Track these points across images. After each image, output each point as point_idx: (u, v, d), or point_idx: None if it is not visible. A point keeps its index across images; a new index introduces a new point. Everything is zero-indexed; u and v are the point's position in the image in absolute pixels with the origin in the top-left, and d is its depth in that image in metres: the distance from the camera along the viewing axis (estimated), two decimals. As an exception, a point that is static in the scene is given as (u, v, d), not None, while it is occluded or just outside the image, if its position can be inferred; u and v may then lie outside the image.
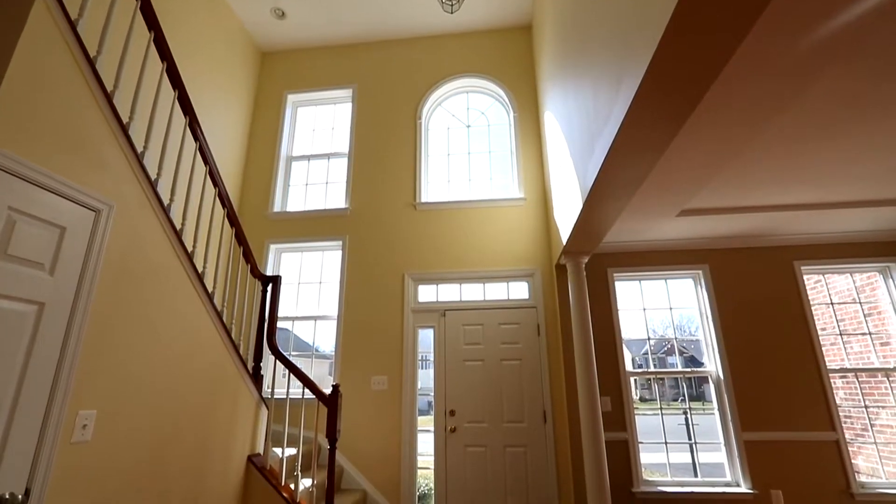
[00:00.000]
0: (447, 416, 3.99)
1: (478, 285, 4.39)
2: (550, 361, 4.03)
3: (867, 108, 2.34)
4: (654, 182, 2.84)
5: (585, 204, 2.71)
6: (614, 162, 2.15)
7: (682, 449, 3.94)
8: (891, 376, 3.95)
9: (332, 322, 4.45)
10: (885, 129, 2.52)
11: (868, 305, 4.23)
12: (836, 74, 2.09)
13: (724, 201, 3.48)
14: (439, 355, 4.17)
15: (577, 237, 3.32)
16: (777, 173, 3.04)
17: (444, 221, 4.56)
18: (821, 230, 4.04)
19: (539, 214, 4.49)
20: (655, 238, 4.16)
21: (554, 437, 3.85)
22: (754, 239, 4.16)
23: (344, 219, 4.68)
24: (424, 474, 4.18)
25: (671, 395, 16.18)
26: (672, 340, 4.38)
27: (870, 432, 4.01)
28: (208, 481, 2.54)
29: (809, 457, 3.64)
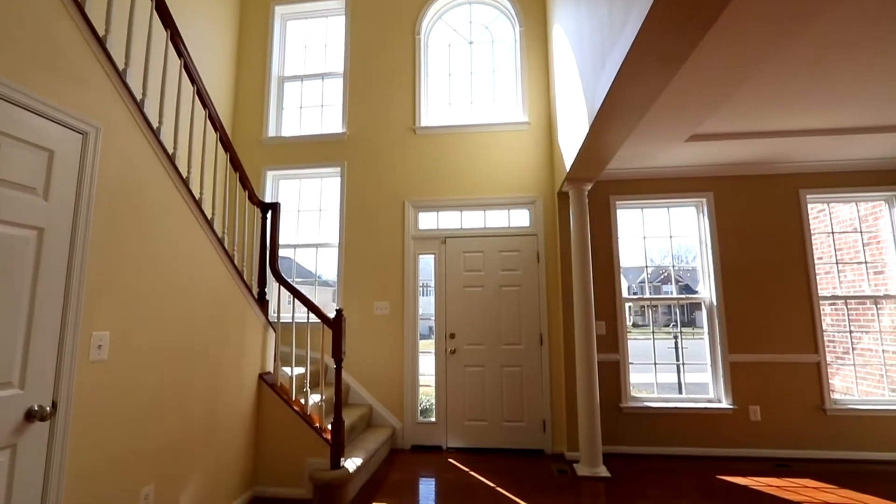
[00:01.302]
0: (447, 338, 4.16)
1: (479, 213, 4.37)
2: (549, 288, 4.12)
3: (886, 28, 2.17)
4: (666, 103, 2.71)
5: (592, 126, 2.60)
6: (627, 77, 2.02)
7: (670, 370, 4.15)
8: (879, 303, 4.06)
9: (333, 249, 4.49)
10: (918, 46, 2.35)
11: (868, 235, 4.23)
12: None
13: (735, 126, 3.35)
14: (440, 281, 4.26)
15: (582, 163, 3.24)
16: (791, 96, 2.89)
17: (445, 147, 4.43)
18: (828, 158, 3.93)
19: (543, 140, 4.34)
20: (661, 165, 4.06)
21: (549, 358, 4.04)
22: (761, 166, 4.07)
23: (342, 144, 4.54)
24: (426, 391, 4.45)
25: (663, 321, 16.78)
26: (669, 269, 4.44)
27: (850, 355, 4.20)
28: (224, 396, 2.70)
29: (790, 377, 3.85)
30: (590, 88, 2.59)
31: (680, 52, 1.81)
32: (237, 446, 2.84)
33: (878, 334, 4.07)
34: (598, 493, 3.13)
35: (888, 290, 4.03)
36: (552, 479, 3.39)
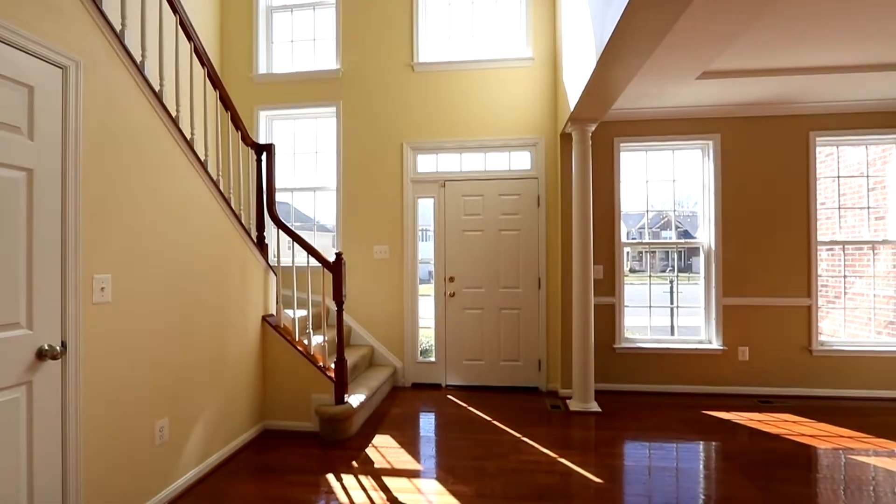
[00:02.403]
0: (446, 282, 4.22)
1: (478, 155, 4.27)
2: (549, 232, 4.12)
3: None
4: (680, 35, 2.55)
5: (600, 60, 2.47)
6: (638, 6, 1.89)
7: (664, 313, 4.25)
8: (876, 248, 4.08)
9: (331, 193, 4.44)
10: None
11: (874, 180, 4.17)
12: None
13: (749, 62, 3.19)
14: (439, 225, 4.25)
15: (587, 101, 3.12)
16: (807, 31, 2.72)
17: (445, 85, 4.24)
18: (841, 98, 3.78)
19: (547, 77, 4.15)
20: (669, 105, 3.91)
21: (546, 301, 4.12)
22: (772, 107, 3.92)
23: (336, 82, 4.34)
24: (425, 333, 4.58)
25: (660, 266, 17.03)
26: (669, 214, 4.42)
27: (842, 299, 4.29)
28: (229, 336, 2.78)
29: (780, 319, 3.95)
30: (598, 18, 2.43)
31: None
32: (245, 383, 2.97)
33: (871, 279, 4.12)
34: (587, 425, 3.31)
35: (887, 236, 4.04)
36: (545, 413, 3.57)
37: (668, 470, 2.66)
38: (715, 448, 2.95)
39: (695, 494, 2.41)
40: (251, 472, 2.61)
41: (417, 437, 3.16)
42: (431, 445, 3.00)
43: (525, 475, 2.54)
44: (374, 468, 2.64)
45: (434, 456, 2.83)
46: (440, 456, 2.83)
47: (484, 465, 2.67)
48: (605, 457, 2.81)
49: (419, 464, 2.71)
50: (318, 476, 2.55)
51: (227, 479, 2.52)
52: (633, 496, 2.37)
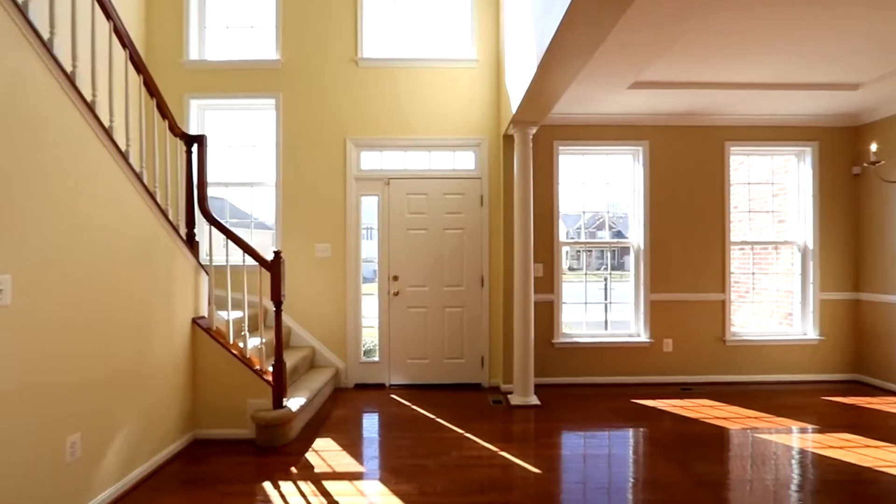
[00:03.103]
0: (391, 280, 4.19)
1: (423, 153, 4.27)
2: (491, 231, 4.21)
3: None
4: (613, 46, 2.70)
5: (540, 65, 2.56)
6: (578, 12, 1.98)
7: (599, 309, 4.50)
8: (778, 248, 4.56)
9: (270, 189, 4.25)
10: (833, 12, 2.48)
11: (778, 187, 4.65)
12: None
13: (675, 75, 3.44)
14: (383, 223, 4.21)
15: (528, 104, 3.22)
16: (730, 48, 2.99)
17: (389, 82, 4.20)
18: (753, 112, 4.19)
19: (490, 79, 4.23)
20: (603, 112, 4.13)
21: (489, 298, 4.21)
22: (694, 117, 4.26)
23: (276, 73, 4.16)
24: (369, 333, 4.51)
25: (596, 265, 17.92)
26: (604, 215, 4.67)
27: (750, 294, 4.75)
28: (154, 340, 2.58)
29: (699, 313, 4.31)
30: (539, 24, 2.52)
31: None
32: (173, 390, 2.77)
33: (774, 275, 4.60)
34: (527, 418, 3.43)
35: (787, 237, 4.52)
36: (488, 408, 3.65)
37: (601, 457, 2.81)
38: (642, 434, 3.16)
39: (625, 478, 2.56)
40: (179, 485, 2.45)
41: (360, 438, 3.11)
42: (375, 446, 2.97)
43: (467, 470, 2.58)
44: (314, 473, 2.57)
45: (377, 457, 2.80)
46: (383, 456, 2.81)
47: (427, 462, 2.68)
48: (544, 448, 2.92)
49: (362, 466, 2.67)
50: (253, 485, 2.43)
51: (151, 495, 2.34)
52: (569, 483, 2.48)
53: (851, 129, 4.35)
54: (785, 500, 2.30)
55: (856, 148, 4.31)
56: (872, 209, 4.20)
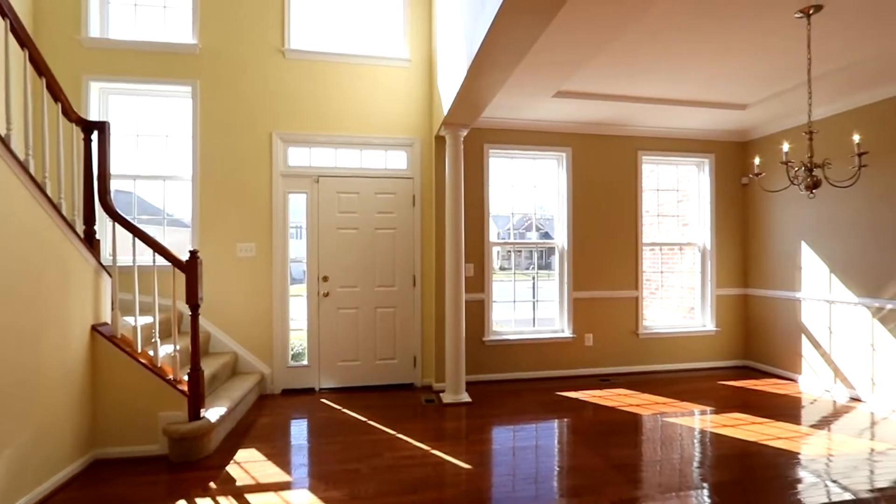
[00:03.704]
0: (320, 281, 4.05)
1: (354, 151, 4.18)
2: (423, 231, 4.23)
3: (712, 17, 2.54)
4: (539, 56, 2.83)
5: (470, 70, 2.62)
6: (503, 23, 2.06)
7: (528, 307, 4.69)
8: (682, 249, 5.05)
9: (186, 184, 3.94)
10: (717, 44, 2.79)
11: (682, 193, 5.15)
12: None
13: (595, 87, 3.68)
14: (312, 222, 4.06)
15: (459, 107, 3.28)
16: (639, 65, 3.25)
17: (320, 76, 4.07)
18: (662, 125, 4.60)
19: (423, 80, 4.25)
20: (530, 118, 4.31)
21: (421, 298, 4.22)
22: (611, 127, 4.59)
23: (193, 58, 3.86)
24: (298, 336, 4.34)
25: (525, 265, 18.67)
26: (531, 217, 4.87)
27: (660, 291, 5.20)
28: (44, 351, 2.27)
29: (616, 309, 4.64)
30: (469, 30, 2.58)
31: (551, 7, 1.90)
32: (66, 407, 2.46)
33: (679, 274, 5.08)
34: (459, 416, 3.49)
35: (690, 239, 5.01)
36: (420, 407, 3.66)
37: (529, 448, 2.93)
38: (566, 424, 3.34)
39: (551, 467, 2.69)
40: (75, 511, 2.18)
41: (288, 446, 2.98)
42: (303, 453, 2.86)
43: (400, 471, 2.57)
44: (236, 487, 2.41)
45: (306, 464, 2.70)
46: (313, 463, 2.71)
47: (358, 466, 2.63)
48: (475, 443, 2.99)
49: (289, 475, 2.56)
50: (166, 504, 2.24)
51: (39, 526, 2.07)
52: (499, 476, 2.56)
53: (741, 144, 4.93)
54: (688, 476, 2.55)
55: (744, 161, 4.88)
56: (757, 215, 4.78)
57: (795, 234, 4.33)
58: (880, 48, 2.93)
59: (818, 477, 2.52)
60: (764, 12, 2.56)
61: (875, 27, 2.69)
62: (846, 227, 3.85)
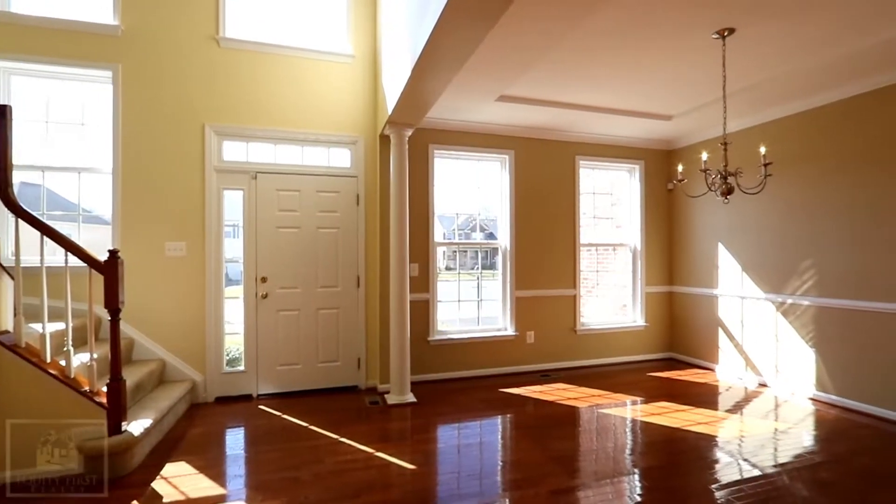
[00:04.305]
0: (258, 282, 3.87)
1: (296, 148, 4.04)
2: (368, 230, 4.17)
3: (647, 34, 2.72)
4: (482, 59, 2.88)
5: (414, 70, 2.62)
6: (447, 25, 2.08)
7: (472, 306, 4.76)
8: (616, 249, 5.35)
9: (105, 177, 3.61)
10: (643, 59, 3.01)
11: (615, 197, 5.46)
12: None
13: (536, 93, 3.81)
14: (250, 220, 3.88)
15: (404, 107, 3.27)
16: (575, 74, 3.41)
17: (259, 68, 3.89)
18: (597, 132, 4.85)
19: (367, 77, 4.19)
20: (475, 120, 4.38)
21: (365, 299, 4.16)
22: (551, 132, 4.77)
23: (114, 41, 3.55)
24: (234, 340, 4.12)
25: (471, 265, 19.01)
26: (476, 218, 4.95)
27: (596, 289, 5.48)
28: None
29: (555, 307, 4.83)
30: (413, 30, 2.57)
31: (494, 11, 1.95)
32: (-43, 426, 2.18)
33: (613, 273, 5.39)
34: (404, 416, 3.47)
35: (622, 241, 5.33)
36: (364, 410, 3.60)
37: (474, 445, 2.98)
38: (509, 420, 3.43)
39: (494, 463, 2.76)
40: (-32, 544, 1.94)
41: (222, 456, 2.82)
42: (239, 463, 2.72)
43: (343, 475, 2.51)
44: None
45: (242, 474, 2.57)
46: (250, 473, 2.58)
47: (299, 474, 2.54)
48: (420, 443, 2.99)
49: (223, 487, 2.42)
50: (80, 528, 2.04)
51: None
52: (445, 475, 2.58)
53: (667, 152, 5.31)
54: (621, 463, 2.71)
55: (670, 168, 5.26)
56: (681, 218, 5.18)
57: (713, 236, 4.73)
58: (785, 69, 3.27)
59: (732, 457, 2.77)
60: (685, 32, 2.78)
61: (781, 51, 3.00)
62: (755, 229, 4.27)
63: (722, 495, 2.32)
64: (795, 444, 2.97)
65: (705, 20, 2.64)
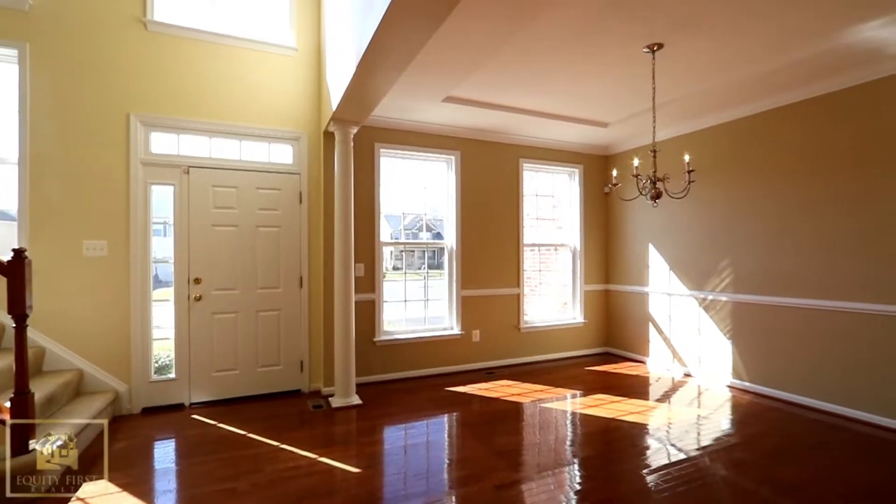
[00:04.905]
0: (191, 284, 3.64)
1: (233, 142, 3.84)
2: (311, 229, 4.05)
3: (585, 46, 2.86)
4: (428, 60, 2.89)
5: (359, 67, 2.58)
6: (392, 23, 2.07)
7: (419, 306, 4.76)
8: (558, 249, 5.57)
9: (10, 168, 3.24)
10: (599, 62, 3.16)
11: (557, 199, 5.67)
12: None
13: (481, 96, 3.87)
14: (182, 218, 3.63)
15: (349, 104, 3.20)
16: (519, 78, 3.50)
17: (192, 55, 3.65)
18: (540, 136, 5.03)
19: (311, 71, 4.07)
20: (421, 120, 4.39)
21: (309, 300, 4.03)
22: (496, 135, 4.88)
23: (21, 16, 3.19)
24: (164, 345, 3.84)
25: (418, 264, 19.01)
26: (423, 217, 4.96)
27: (539, 288, 5.67)
28: None
29: (500, 306, 4.95)
30: (359, 26, 2.53)
31: (440, 11, 1.96)
32: None
33: (555, 272, 5.60)
34: (349, 419, 3.41)
35: (563, 241, 5.55)
36: (307, 414, 3.49)
37: (420, 445, 2.98)
38: (455, 418, 3.46)
39: (440, 461, 2.77)
40: None
41: (150, 471, 2.62)
42: (169, 478, 2.54)
43: (283, 484, 2.42)
44: (79, 526, 2.05)
45: (173, 489, 2.41)
46: (181, 487, 2.42)
47: (236, 485, 2.41)
48: (365, 446, 2.94)
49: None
50: (-23, 561, 1.82)
51: None
52: (391, 476, 2.56)
53: (604, 157, 5.60)
54: (562, 454, 2.82)
55: (606, 172, 5.55)
56: (616, 220, 5.48)
57: (644, 237, 5.05)
58: (707, 85, 3.56)
59: (661, 443, 2.98)
60: (619, 45, 2.94)
61: (704, 67, 3.26)
62: (681, 231, 4.61)
63: (651, 479, 2.48)
64: (715, 428, 3.24)
65: (637, 35, 2.81)
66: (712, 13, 2.55)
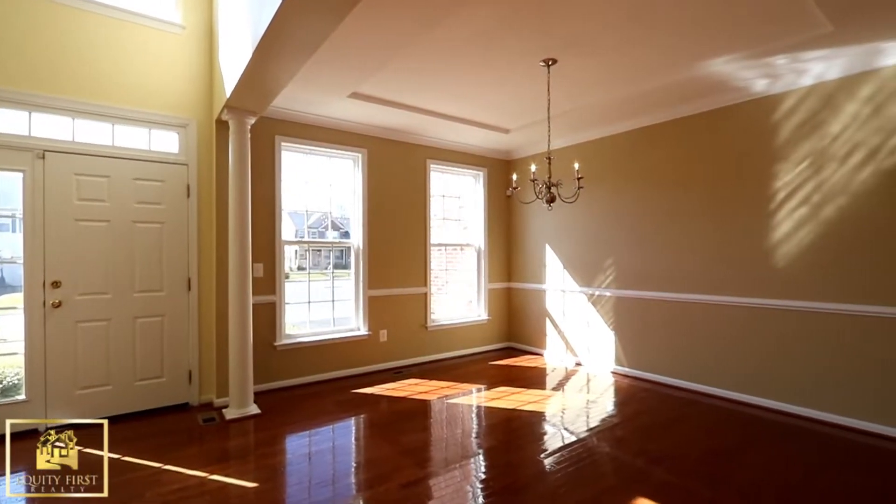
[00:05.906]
0: (47, 288, 3.11)
1: (104, 125, 3.36)
2: (201, 227, 3.69)
3: (487, 56, 3.00)
4: (333, 53, 2.81)
5: (255, 55, 2.42)
6: (289, 14, 1.97)
7: (326, 307, 4.59)
8: (463, 249, 5.75)
9: None
10: (501, 71, 3.32)
11: (463, 200, 5.85)
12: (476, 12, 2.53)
13: (389, 94, 3.85)
14: (35, 210, 3.08)
15: (244, 92, 2.99)
16: (423, 80, 3.54)
17: (51, 18, 3.12)
18: (447, 138, 5.15)
19: (202, 53, 3.71)
20: (326, 115, 4.24)
21: (198, 304, 3.68)
22: (404, 134, 4.89)
23: None
24: (10, 361, 3.23)
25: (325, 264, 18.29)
26: (328, 216, 4.79)
27: (445, 287, 5.80)
28: None
29: (407, 305, 4.97)
30: (256, 8, 2.37)
31: (340, 6, 1.94)
32: None
33: (461, 271, 5.76)
34: (246, 431, 3.17)
35: (469, 241, 5.74)
36: (196, 430, 3.18)
37: (325, 451, 2.88)
38: (362, 420, 3.40)
39: (347, 465, 2.70)
40: None
41: (-13, 514, 2.19)
42: (15, 518, 2.15)
43: (167, 508, 2.18)
44: None
45: (19, 531, 2.04)
46: (31, 527, 2.06)
47: (107, 515, 2.12)
48: (264, 458, 2.77)
49: (-11, 551, 1.88)
50: None
51: None
52: (293, 487, 2.43)
53: (506, 162, 5.91)
54: (468, 447, 2.92)
55: (508, 176, 5.86)
56: (517, 222, 5.81)
57: (542, 238, 5.42)
58: (594, 99, 3.92)
59: (556, 428, 3.22)
60: (518, 57, 3.12)
61: (591, 84, 3.59)
62: (572, 233, 5.03)
63: (548, 462, 2.68)
64: (601, 410, 3.59)
65: (533, 49, 3.01)
66: (596, 35, 2.81)
